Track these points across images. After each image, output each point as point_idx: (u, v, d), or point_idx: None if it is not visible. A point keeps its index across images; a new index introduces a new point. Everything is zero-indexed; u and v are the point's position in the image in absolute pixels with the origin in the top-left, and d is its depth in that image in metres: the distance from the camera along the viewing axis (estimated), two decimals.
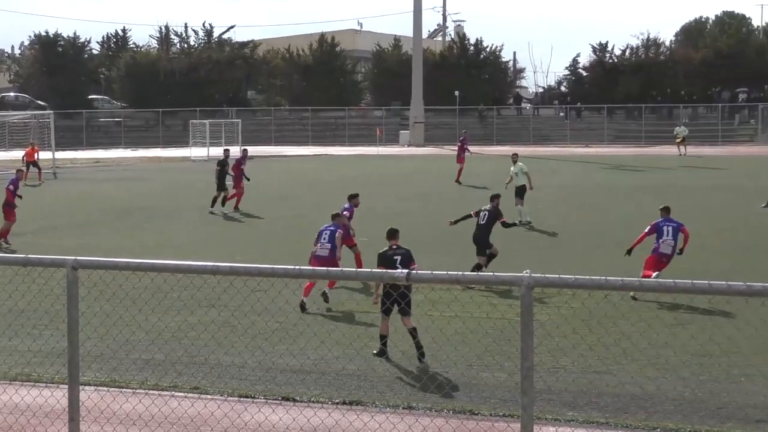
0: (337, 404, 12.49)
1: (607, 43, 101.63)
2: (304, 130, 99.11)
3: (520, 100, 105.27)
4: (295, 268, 8.34)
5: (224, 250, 27.04)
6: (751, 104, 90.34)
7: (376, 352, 15.20)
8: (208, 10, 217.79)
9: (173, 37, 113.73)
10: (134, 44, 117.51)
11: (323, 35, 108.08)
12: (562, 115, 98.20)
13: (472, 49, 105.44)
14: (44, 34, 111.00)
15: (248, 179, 38.68)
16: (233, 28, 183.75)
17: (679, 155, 65.65)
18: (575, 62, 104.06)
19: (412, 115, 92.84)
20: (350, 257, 21.32)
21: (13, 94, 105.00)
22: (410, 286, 14.40)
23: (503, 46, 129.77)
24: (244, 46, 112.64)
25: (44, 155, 59.49)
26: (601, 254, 24.38)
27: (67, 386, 8.70)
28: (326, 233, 19.77)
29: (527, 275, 7.38)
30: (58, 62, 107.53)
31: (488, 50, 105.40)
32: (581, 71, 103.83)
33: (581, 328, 14.79)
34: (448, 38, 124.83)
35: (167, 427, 10.94)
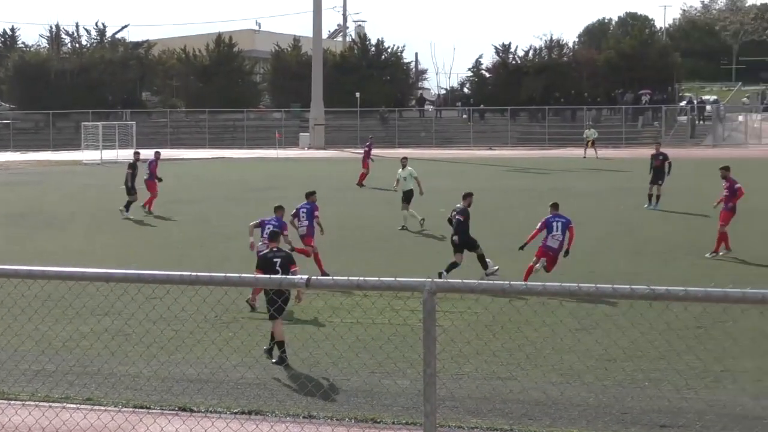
0: (235, 414, 12.35)
1: (510, 44, 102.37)
2: (201, 132, 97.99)
3: (423, 101, 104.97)
4: (191, 274, 8.14)
5: (120, 256, 26.48)
6: (654, 106, 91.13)
7: (275, 360, 15.12)
8: (100, 8, 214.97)
9: (64, 36, 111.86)
10: (23, 44, 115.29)
11: (220, 35, 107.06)
12: (465, 117, 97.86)
13: (373, 49, 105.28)
14: None
15: (161, 180, 38.32)
16: (127, 27, 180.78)
17: (584, 157, 66.24)
18: (478, 63, 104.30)
19: (312, 117, 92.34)
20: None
21: None
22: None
23: (405, 46, 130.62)
24: (138, 46, 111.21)
25: None
26: (504, 258, 24.25)
27: None
28: (268, 227, 19.87)
29: (429, 280, 7.37)
30: None
31: (390, 51, 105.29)
32: (484, 72, 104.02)
33: (485, 333, 14.67)
34: (348, 39, 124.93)
35: None
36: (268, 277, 10.64)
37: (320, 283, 8.14)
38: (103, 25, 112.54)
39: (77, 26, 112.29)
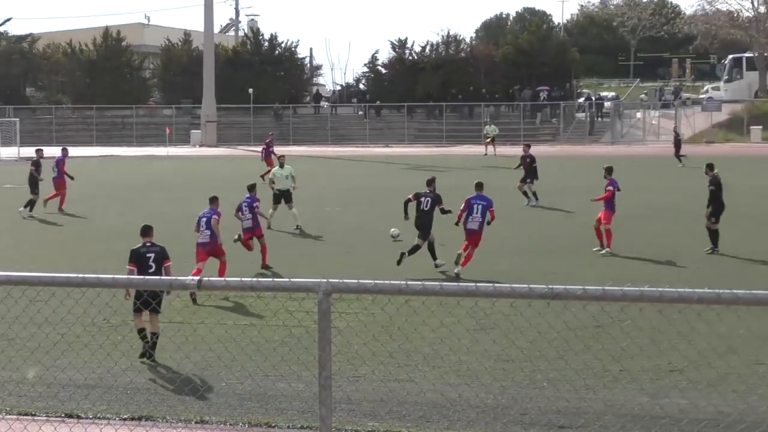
0: (125, 420, 12.15)
1: (406, 39, 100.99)
2: (88, 129, 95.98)
3: (320, 98, 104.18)
4: (78, 276, 7.85)
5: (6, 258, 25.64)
6: (553, 103, 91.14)
7: (140, 353, 15.15)
8: None
9: None
10: None
11: (108, 29, 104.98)
12: (361, 113, 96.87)
13: (266, 44, 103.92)
14: None
15: (72, 178, 37.42)
16: (10, 20, 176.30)
17: (485, 155, 65.80)
18: (374, 59, 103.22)
19: (203, 113, 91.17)
20: None
21: None
22: None
23: (299, 41, 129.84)
24: (21, 39, 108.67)
25: None
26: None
27: None
28: (204, 219, 20.56)
29: (324, 281, 7.25)
30: None
31: (283, 46, 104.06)
32: (380, 68, 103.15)
33: (381, 335, 14.47)
34: (241, 33, 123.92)
35: None
36: (158, 278, 10.34)
37: (212, 284, 7.92)
38: None
39: None
